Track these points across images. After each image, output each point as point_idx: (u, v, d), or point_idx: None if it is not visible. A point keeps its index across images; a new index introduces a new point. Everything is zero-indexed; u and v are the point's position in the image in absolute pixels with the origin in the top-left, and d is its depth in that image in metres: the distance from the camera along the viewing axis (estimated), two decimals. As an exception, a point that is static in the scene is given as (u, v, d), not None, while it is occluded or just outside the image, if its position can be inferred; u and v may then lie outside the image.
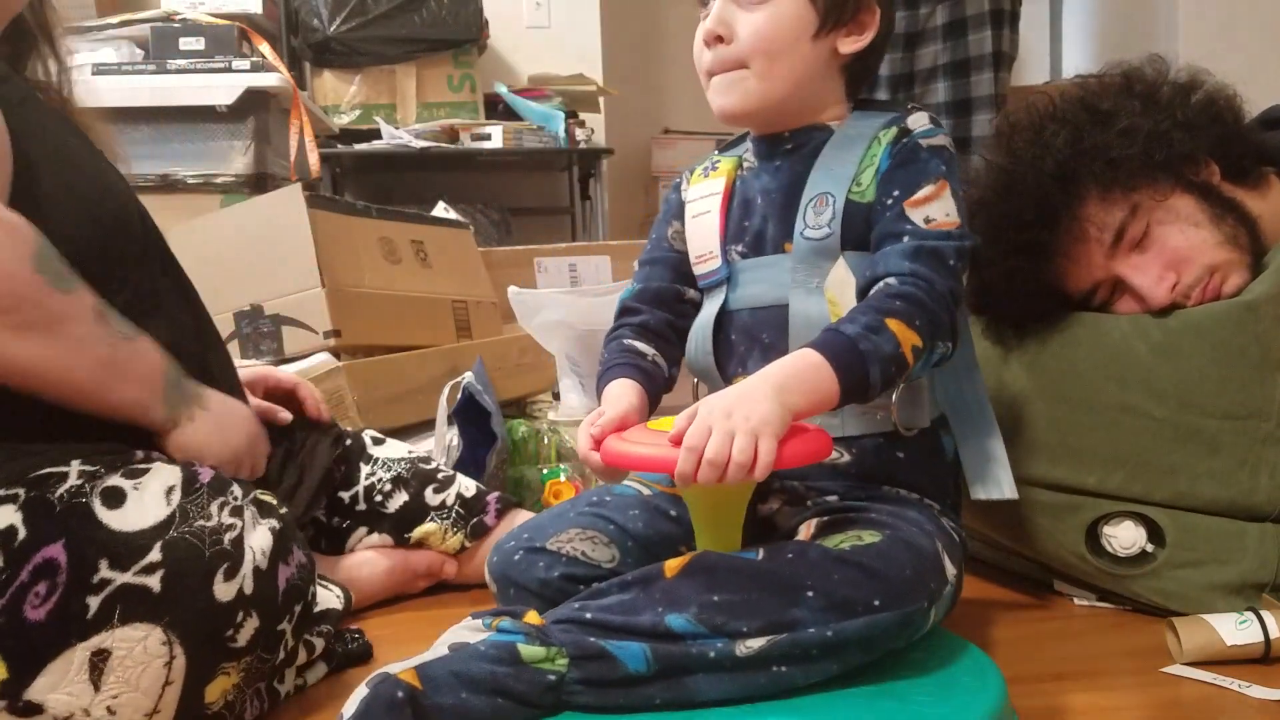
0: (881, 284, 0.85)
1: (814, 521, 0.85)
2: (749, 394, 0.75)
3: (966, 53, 1.97)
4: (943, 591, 0.79)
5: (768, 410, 0.74)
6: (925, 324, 0.82)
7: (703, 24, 0.92)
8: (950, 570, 0.82)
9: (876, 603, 0.74)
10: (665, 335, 1.00)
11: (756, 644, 0.73)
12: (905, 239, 0.87)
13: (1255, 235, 1.04)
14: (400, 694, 0.68)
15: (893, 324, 0.81)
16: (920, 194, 0.88)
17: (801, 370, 0.79)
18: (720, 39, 0.90)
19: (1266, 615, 0.90)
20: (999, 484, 0.96)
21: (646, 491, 0.97)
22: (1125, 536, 1.02)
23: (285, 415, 1.17)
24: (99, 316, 0.83)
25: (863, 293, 0.88)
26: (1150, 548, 1.02)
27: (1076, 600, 1.10)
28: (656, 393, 0.97)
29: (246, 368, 1.22)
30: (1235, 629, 0.90)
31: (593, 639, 0.73)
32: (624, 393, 0.92)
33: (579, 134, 3.11)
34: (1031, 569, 1.15)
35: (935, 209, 0.88)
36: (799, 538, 0.84)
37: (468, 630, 0.77)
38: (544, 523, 0.94)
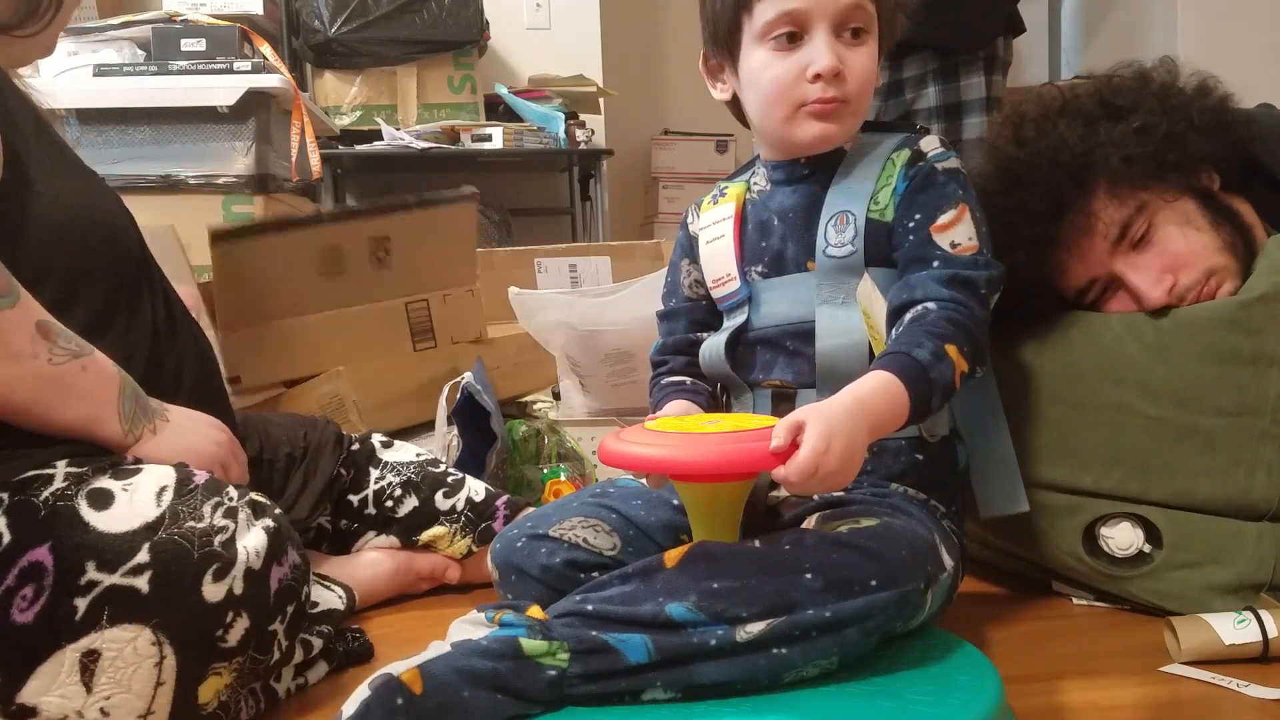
0: (921, 308, 0.88)
1: (817, 515, 0.87)
2: (853, 431, 0.77)
3: (956, 58, 1.95)
4: (939, 577, 0.80)
5: (860, 451, 0.77)
6: (971, 350, 0.86)
7: (791, 57, 0.92)
8: (947, 560, 0.83)
9: (874, 583, 0.75)
10: (693, 373, 1.07)
11: (756, 628, 0.73)
12: (936, 264, 0.90)
13: (1249, 244, 1.05)
14: (400, 700, 0.68)
15: (951, 350, 0.84)
16: (943, 219, 0.92)
17: (889, 403, 0.81)
18: (837, 75, 0.92)
19: (1264, 615, 0.90)
20: (1012, 498, 1.00)
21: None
22: (1123, 538, 1.02)
23: None
24: (42, 333, 0.79)
25: (895, 314, 0.90)
26: (1148, 549, 1.02)
27: (1074, 599, 1.10)
28: (702, 402, 1.03)
29: None
30: (1233, 628, 0.90)
31: (594, 632, 0.74)
32: (674, 403, 1.00)
33: (579, 135, 3.11)
34: (1029, 569, 1.15)
35: (959, 233, 0.92)
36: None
37: (471, 625, 0.78)
38: (548, 512, 0.96)
